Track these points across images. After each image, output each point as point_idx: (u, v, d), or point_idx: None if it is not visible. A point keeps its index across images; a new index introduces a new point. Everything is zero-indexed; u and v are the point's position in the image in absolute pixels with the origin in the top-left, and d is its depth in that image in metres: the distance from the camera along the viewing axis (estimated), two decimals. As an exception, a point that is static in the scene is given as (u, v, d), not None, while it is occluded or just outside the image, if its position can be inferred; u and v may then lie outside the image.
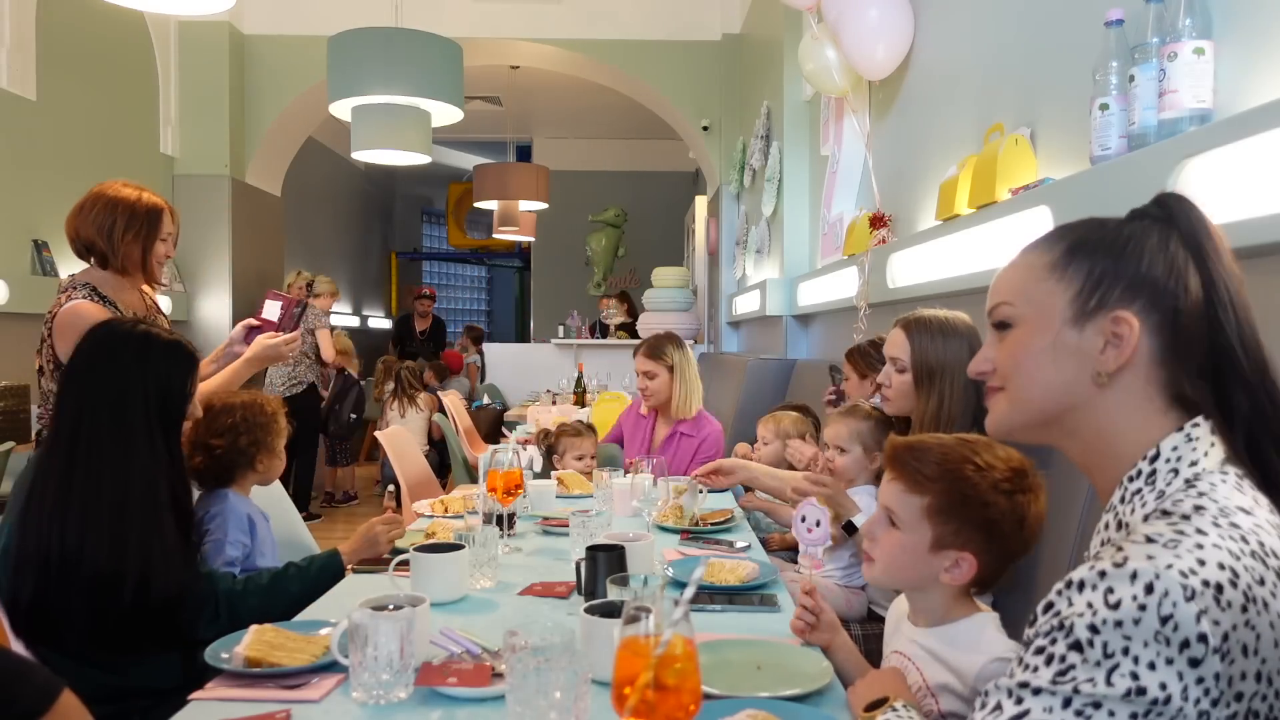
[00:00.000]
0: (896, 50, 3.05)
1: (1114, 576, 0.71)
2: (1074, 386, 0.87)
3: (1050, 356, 0.89)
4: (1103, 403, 0.87)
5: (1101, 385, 0.86)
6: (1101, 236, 0.90)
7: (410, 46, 3.52)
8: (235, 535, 1.88)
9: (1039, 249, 0.93)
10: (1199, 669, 0.68)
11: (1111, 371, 0.85)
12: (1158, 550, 0.72)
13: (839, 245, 3.66)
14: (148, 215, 2.18)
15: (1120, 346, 0.85)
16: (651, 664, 0.86)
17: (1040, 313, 0.90)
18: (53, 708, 1.12)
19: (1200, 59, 1.48)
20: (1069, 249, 0.90)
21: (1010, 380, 0.92)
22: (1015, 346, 0.91)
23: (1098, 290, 0.87)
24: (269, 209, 6.59)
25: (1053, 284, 0.89)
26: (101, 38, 5.14)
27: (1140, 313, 0.85)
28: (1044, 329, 0.89)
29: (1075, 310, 0.88)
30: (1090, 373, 0.86)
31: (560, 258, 10.18)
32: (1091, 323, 0.87)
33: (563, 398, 5.65)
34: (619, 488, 2.20)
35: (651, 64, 6.29)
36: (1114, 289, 0.86)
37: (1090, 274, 0.88)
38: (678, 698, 0.87)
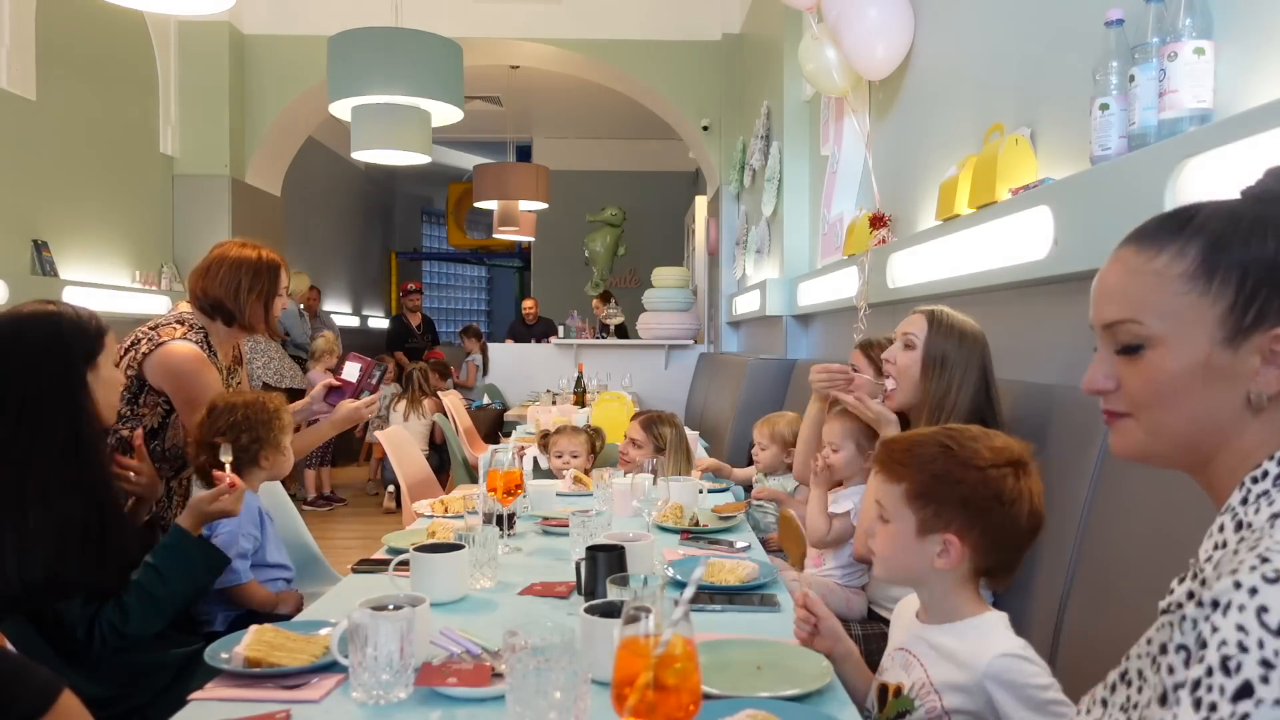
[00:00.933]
0: (896, 50, 3.05)
1: (1266, 593, 0.62)
2: (1223, 410, 0.77)
3: (1200, 381, 0.77)
4: (1253, 424, 0.77)
5: (1259, 408, 0.76)
6: (1241, 232, 0.77)
7: (410, 46, 3.52)
8: (247, 528, 1.89)
9: (1166, 252, 0.79)
10: None
11: (1273, 394, 0.75)
12: None
13: (839, 245, 3.66)
14: (269, 273, 2.31)
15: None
16: (651, 664, 0.86)
17: (1183, 332, 0.77)
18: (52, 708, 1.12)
19: (1200, 59, 1.48)
20: (1207, 253, 0.77)
21: (1146, 409, 0.81)
22: (1153, 372, 0.79)
23: (1254, 303, 0.75)
24: (269, 209, 6.59)
25: (1195, 297, 0.77)
26: (101, 38, 5.14)
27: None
28: (1190, 351, 0.77)
29: (1229, 329, 0.76)
30: (1243, 395, 0.76)
31: (560, 258, 10.19)
32: (1248, 341, 0.75)
33: (563, 398, 5.65)
34: (619, 488, 2.20)
35: (651, 64, 6.29)
36: (1273, 301, 0.75)
37: (1243, 284, 0.75)
38: (678, 698, 0.87)
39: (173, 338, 2.16)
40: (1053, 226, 1.84)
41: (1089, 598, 1.44)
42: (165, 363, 2.12)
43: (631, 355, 6.94)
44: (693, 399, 6.33)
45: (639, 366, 6.71)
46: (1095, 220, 1.67)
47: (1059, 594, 1.50)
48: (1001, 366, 1.91)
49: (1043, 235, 1.87)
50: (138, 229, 5.50)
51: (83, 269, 4.88)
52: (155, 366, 2.12)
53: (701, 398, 5.84)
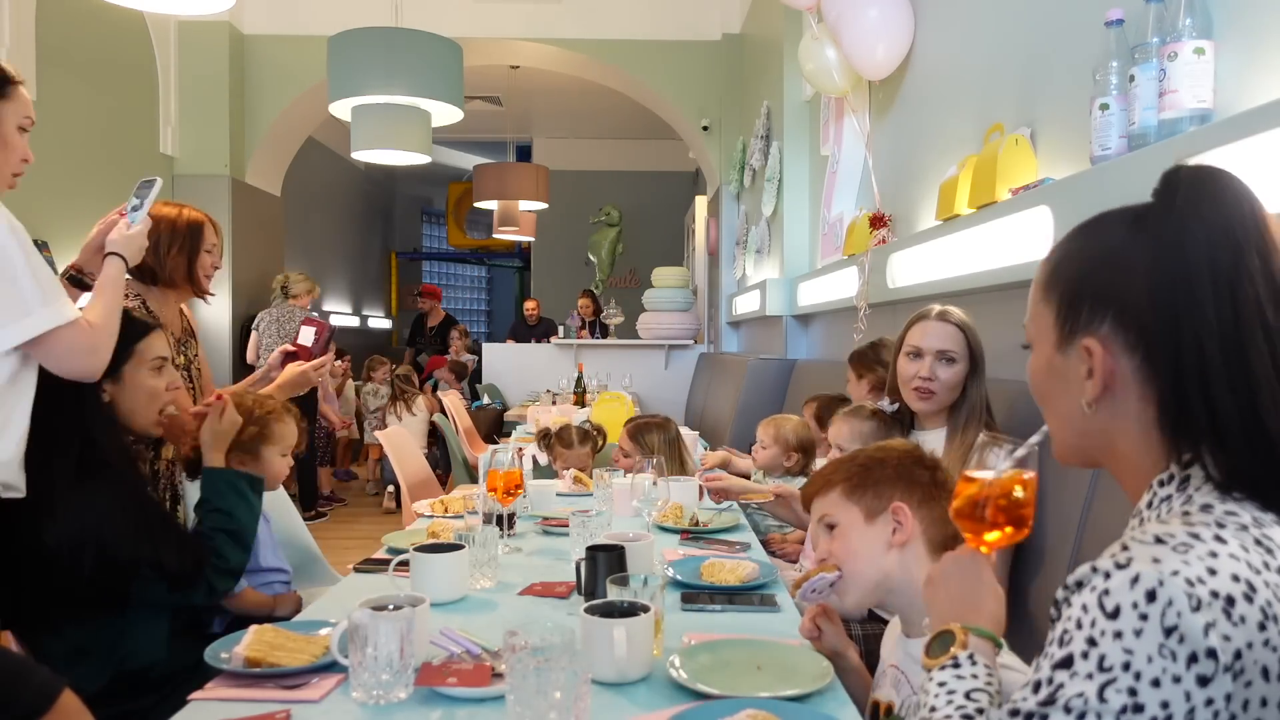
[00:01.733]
0: (896, 50, 3.05)
1: (1114, 579, 0.66)
2: (1075, 414, 0.82)
3: (1052, 383, 0.84)
4: (1105, 426, 0.80)
5: (1092, 412, 0.80)
6: (1078, 245, 0.83)
7: (410, 46, 3.52)
8: None
9: (1043, 263, 0.86)
10: (1208, 688, 0.62)
11: (1091, 400, 0.79)
12: (1165, 553, 0.66)
13: (839, 245, 3.67)
14: (189, 229, 2.29)
15: (1092, 375, 0.78)
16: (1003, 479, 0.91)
17: (1039, 335, 0.85)
18: (53, 708, 1.12)
19: (1200, 59, 1.48)
20: (1054, 265, 0.84)
21: (1041, 405, 0.88)
22: (1032, 370, 0.87)
23: (1069, 313, 0.80)
24: (269, 209, 6.60)
25: (1043, 305, 0.84)
26: (101, 38, 5.14)
27: (1110, 334, 0.77)
28: (1042, 354, 0.85)
29: (1058, 335, 0.82)
30: (1081, 399, 0.80)
31: (560, 258, 10.19)
32: (1072, 348, 0.80)
33: (563, 398, 5.65)
34: (619, 488, 2.20)
35: (651, 64, 6.29)
36: (1080, 311, 0.79)
37: (1064, 295, 0.81)
38: (1022, 510, 0.92)
39: None
40: (1053, 226, 1.84)
41: (1089, 598, 1.44)
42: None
43: (631, 355, 6.94)
44: (693, 399, 6.33)
45: (639, 366, 6.71)
46: (1095, 220, 1.67)
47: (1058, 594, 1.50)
48: (1002, 367, 1.91)
49: (1043, 235, 1.87)
50: (138, 229, 5.49)
51: (83, 269, 4.88)
52: None
53: (701, 398, 5.84)
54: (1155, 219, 0.77)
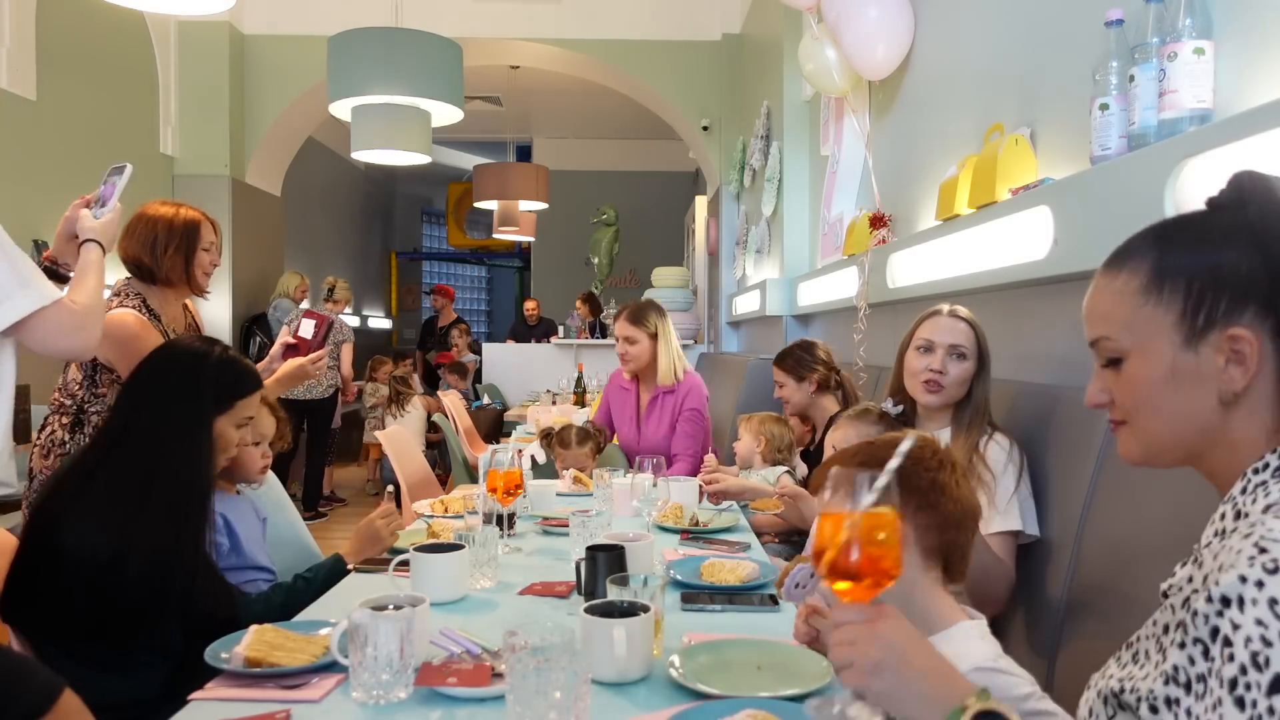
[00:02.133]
0: (896, 50, 3.05)
1: (1273, 585, 0.66)
2: (1202, 411, 0.82)
3: (1172, 386, 0.83)
4: (1234, 419, 0.82)
5: (1229, 404, 0.81)
6: (1186, 243, 0.84)
7: (410, 46, 3.52)
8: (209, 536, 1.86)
9: (1125, 270, 0.86)
10: None
11: (1239, 391, 0.80)
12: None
13: (839, 245, 3.66)
14: (185, 229, 2.29)
15: (1243, 363, 0.80)
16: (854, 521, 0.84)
17: (1147, 342, 0.84)
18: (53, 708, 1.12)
19: (1200, 59, 1.48)
20: (1157, 266, 0.84)
21: (1134, 415, 0.87)
22: (1131, 382, 0.86)
23: (1202, 307, 0.81)
24: (269, 209, 6.60)
25: (1151, 309, 0.84)
26: (101, 38, 5.14)
27: (1255, 322, 0.80)
28: (1156, 358, 0.84)
29: (1185, 333, 0.82)
30: (1215, 393, 0.81)
31: (560, 258, 10.19)
32: (1205, 342, 0.81)
33: (563, 398, 5.65)
34: (619, 488, 2.20)
35: (651, 64, 6.29)
36: (1219, 303, 0.81)
37: (1189, 291, 0.82)
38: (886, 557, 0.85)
39: (109, 309, 2.18)
40: (1052, 226, 1.84)
41: (1089, 598, 1.44)
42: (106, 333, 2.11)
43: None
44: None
45: (639, 366, 6.70)
46: (1095, 220, 1.67)
47: (1059, 594, 1.50)
48: (1001, 366, 1.91)
49: (1042, 235, 1.88)
50: (138, 229, 5.50)
51: (83, 269, 4.88)
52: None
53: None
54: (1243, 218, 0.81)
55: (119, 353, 2.12)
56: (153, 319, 2.25)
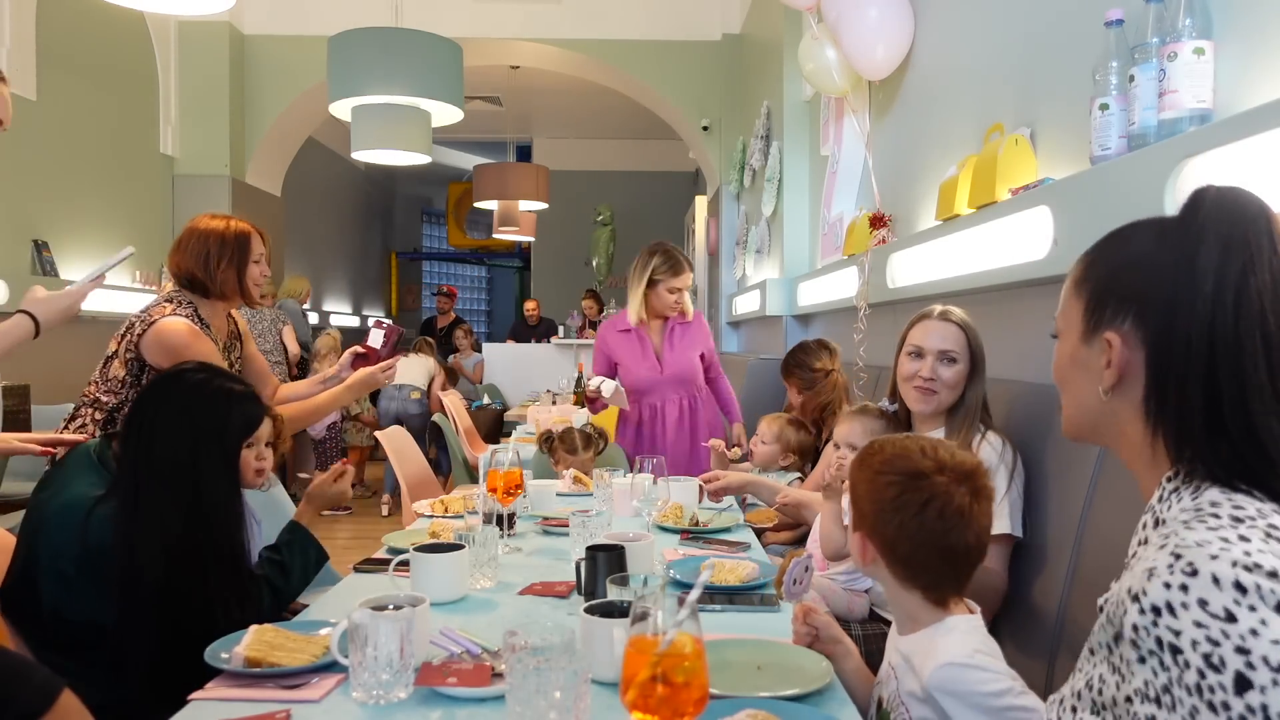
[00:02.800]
0: (896, 50, 3.05)
1: (1196, 588, 0.70)
2: (1091, 398, 0.92)
3: (1074, 370, 0.94)
4: (1121, 413, 0.89)
5: (1107, 399, 0.89)
6: (1110, 249, 0.92)
7: (410, 46, 3.52)
8: None
9: (1078, 262, 0.96)
10: None
11: (1107, 388, 0.89)
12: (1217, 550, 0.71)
13: (839, 245, 3.67)
14: (237, 241, 2.33)
15: (1110, 365, 0.88)
16: (654, 660, 0.87)
17: (1068, 327, 0.95)
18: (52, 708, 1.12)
19: (1200, 59, 1.48)
20: (1087, 265, 0.94)
21: (1060, 388, 0.98)
22: (1057, 356, 0.97)
23: (1096, 308, 0.90)
24: (269, 209, 6.60)
25: (1074, 300, 0.94)
26: (101, 38, 5.14)
27: (1130, 330, 0.86)
28: (1068, 343, 0.94)
29: (1085, 327, 0.91)
30: (1098, 385, 0.90)
31: (560, 258, 10.19)
32: (1095, 340, 0.90)
33: (563, 398, 5.64)
34: (619, 488, 2.20)
35: (651, 64, 6.29)
36: (1106, 307, 0.89)
37: (1094, 291, 0.91)
38: (686, 693, 0.88)
39: (163, 315, 2.22)
40: (1052, 226, 1.84)
41: (1089, 598, 1.44)
42: (159, 339, 2.17)
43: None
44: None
45: (639, 366, 6.69)
46: (1095, 220, 1.67)
47: (1059, 594, 1.50)
48: (1002, 367, 1.91)
49: (1042, 235, 1.87)
50: (138, 229, 5.50)
51: (83, 269, 4.88)
52: (150, 344, 2.18)
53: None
54: (1177, 232, 0.86)
55: (171, 359, 2.14)
56: (204, 328, 2.28)
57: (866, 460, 1.23)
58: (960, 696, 1.08)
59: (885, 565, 1.19)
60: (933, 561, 1.16)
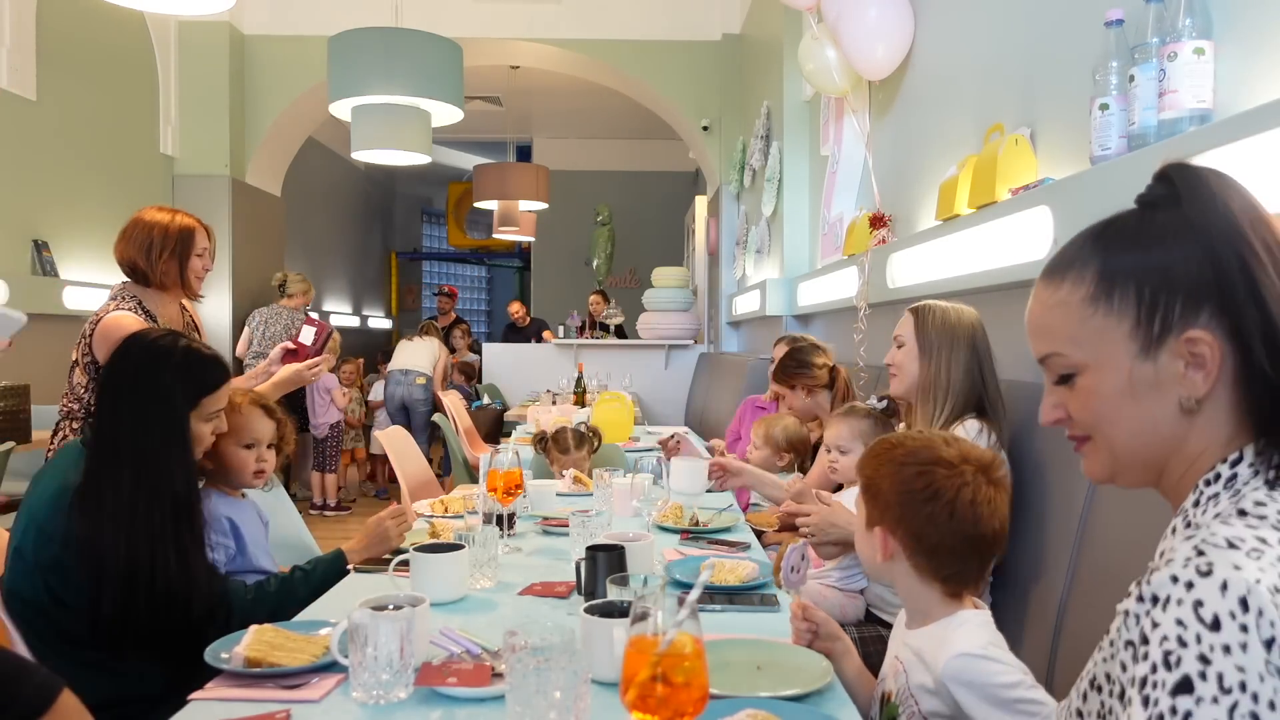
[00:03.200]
0: (896, 50, 3.05)
1: (1201, 588, 0.64)
2: (1164, 421, 0.78)
3: (1130, 397, 0.78)
4: (1194, 428, 0.77)
5: (1191, 412, 0.77)
6: (1130, 245, 0.79)
7: (410, 46, 3.52)
8: (215, 539, 1.85)
9: (1068, 280, 0.82)
10: None
11: (1202, 395, 0.76)
12: (1243, 559, 0.64)
13: (839, 245, 3.67)
14: (180, 235, 2.38)
15: (1204, 366, 0.75)
16: (654, 660, 0.87)
17: (1101, 354, 0.79)
18: (52, 707, 1.12)
19: (1200, 59, 1.48)
20: (1103, 272, 0.80)
21: (1095, 430, 0.82)
22: (1088, 397, 0.81)
23: (1157, 312, 0.77)
24: (269, 209, 6.60)
25: (1101, 319, 0.79)
26: (101, 38, 5.14)
27: (1211, 322, 0.75)
28: (1112, 370, 0.79)
29: (1141, 341, 0.77)
30: (1176, 401, 0.77)
31: (560, 258, 10.19)
32: (1163, 348, 0.76)
33: (563, 398, 5.64)
34: (619, 488, 2.20)
35: (651, 64, 6.29)
36: (1174, 305, 0.76)
37: (1141, 296, 0.77)
38: (687, 693, 0.88)
39: (108, 311, 2.28)
40: (1052, 226, 1.84)
41: (1089, 598, 1.44)
42: (105, 335, 2.22)
43: (631, 355, 6.94)
44: (693, 399, 6.33)
45: (639, 366, 6.71)
46: (1095, 220, 1.67)
47: (1059, 594, 1.50)
48: (1002, 367, 1.91)
49: (1042, 235, 1.88)
50: (138, 229, 5.49)
51: (83, 269, 4.88)
52: (99, 342, 2.23)
53: (701, 398, 5.84)
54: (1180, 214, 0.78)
55: None
56: (149, 319, 2.30)
57: (886, 455, 1.21)
58: (973, 687, 1.09)
59: (906, 558, 1.18)
60: (961, 550, 1.16)
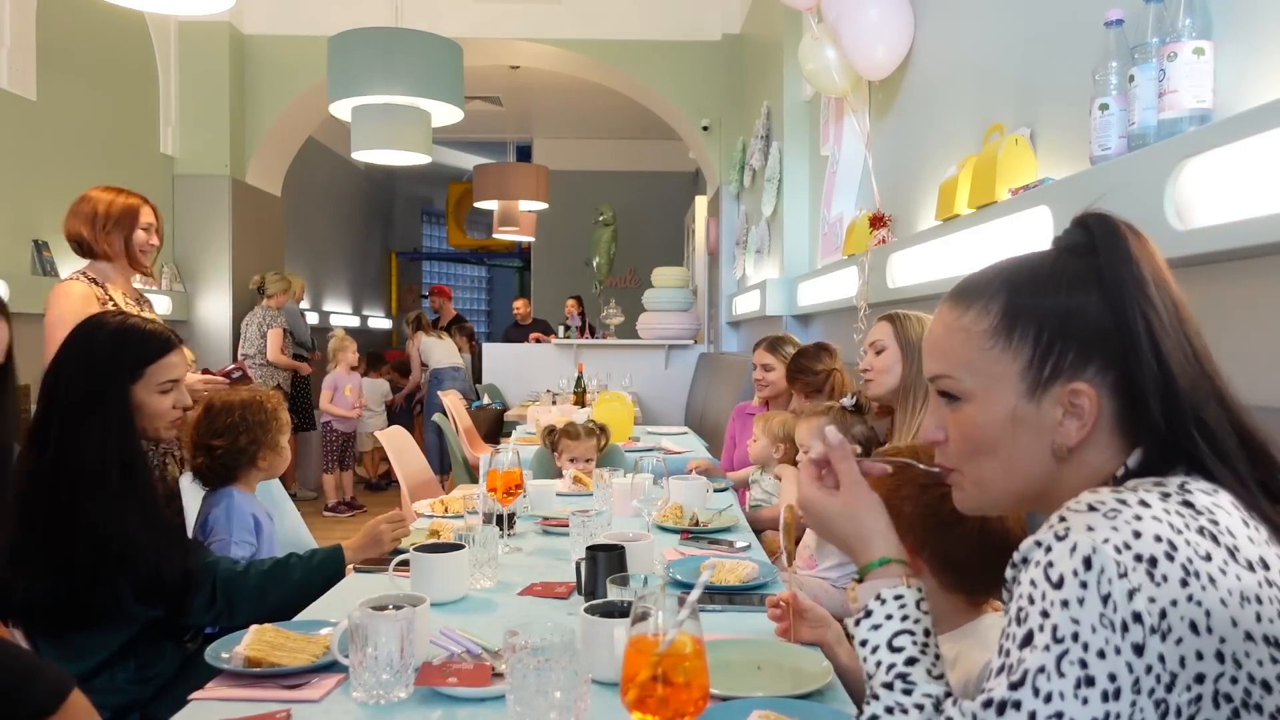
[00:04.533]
0: (896, 50, 3.05)
1: (1055, 550, 0.69)
2: (1035, 461, 0.82)
3: (1009, 433, 0.82)
4: (1065, 471, 0.81)
5: (1061, 458, 0.80)
6: (1039, 288, 0.82)
7: (410, 46, 3.53)
8: (240, 535, 1.88)
9: (974, 309, 0.84)
10: (1143, 656, 0.65)
11: (1072, 445, 0.80)
12: (1098, 520, 0.69)
13: (839, 245, 3.67)
14: (124, 209, 2.49)
15: (1081, 418, 0.79)
16: (654, 661, 0.87)
17: (990, 386, 0.82)
18: (62, 706, 1.12)
19: (1200, 59, 1.48)
20: (1007, 310, 0.82)
21: (968, 464, 0.86)
22: (967, 425, 0.84)
23: (1049, 358, 0.80)
24: (269, 209, 6.59)
25: (998, 353, 0.82)
26: (101, 38, 5.14)
27: (1096, 377, 0.79)
28: (998, 405, 0.82)
29: (1029, 382, 0.80)
30: (1050, 446, 0.81)
31: (560, 258, 10.18)
32: (1048, 394, 0.80)
33: (563, 398, 5.64)
34: (619, 488, 2.20)
35: (651, 64, 6.29)
36: (1066, 354, 0.79)
37: (1039, 340, 0.80)
38: (687, 693, 0.88)
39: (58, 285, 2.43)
40: (1052, 227, 1.84)
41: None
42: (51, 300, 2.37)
43: (631, 355, 6.94)
44: (693, 399, 6.33)
45: (639, 366, 6.70)
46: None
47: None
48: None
49: (1043, 235, 1.87)
50: (138, 229, 5.50)
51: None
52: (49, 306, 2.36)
53: (701, 398, 5.84)
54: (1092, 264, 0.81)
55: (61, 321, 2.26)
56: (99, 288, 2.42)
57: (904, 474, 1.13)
58: None
59: (932, 576, 1.14)
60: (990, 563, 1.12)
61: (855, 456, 0.97)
